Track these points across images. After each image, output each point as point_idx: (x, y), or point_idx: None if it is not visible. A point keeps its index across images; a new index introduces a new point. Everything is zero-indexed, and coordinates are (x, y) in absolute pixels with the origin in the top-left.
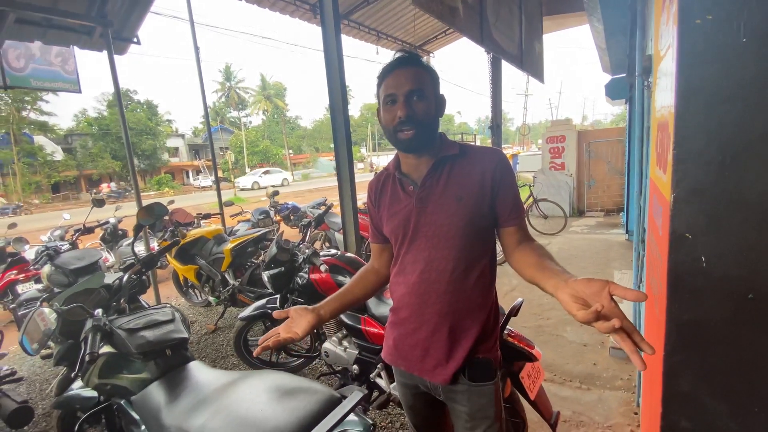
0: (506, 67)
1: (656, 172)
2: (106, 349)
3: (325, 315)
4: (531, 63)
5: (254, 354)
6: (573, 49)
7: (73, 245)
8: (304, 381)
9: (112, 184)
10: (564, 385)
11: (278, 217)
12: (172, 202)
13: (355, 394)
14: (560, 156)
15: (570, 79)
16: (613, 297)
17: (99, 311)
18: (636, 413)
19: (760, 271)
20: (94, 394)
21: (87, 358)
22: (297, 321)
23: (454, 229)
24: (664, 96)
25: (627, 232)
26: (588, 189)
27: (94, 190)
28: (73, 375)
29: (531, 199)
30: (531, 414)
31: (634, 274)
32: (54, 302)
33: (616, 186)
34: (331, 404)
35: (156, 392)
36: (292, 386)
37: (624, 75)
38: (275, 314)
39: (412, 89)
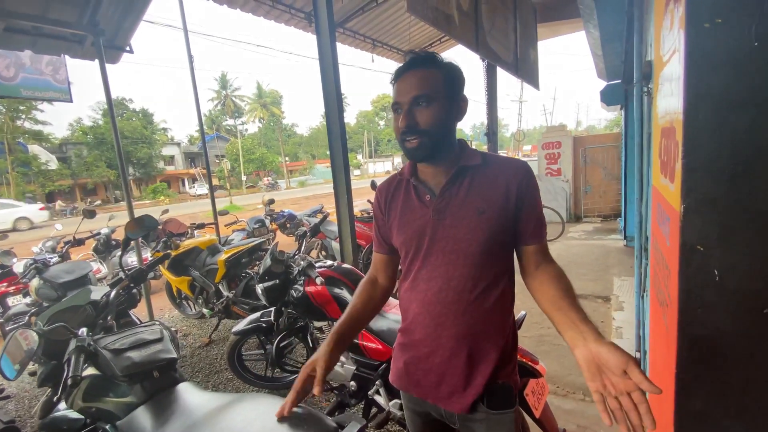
0: (501, 73)
1: (661, 180)
2: (90, 370)
3: (335, 347)
4: (526, 70)
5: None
6: (567, 56)
7: (63, 257)
8: (300, 407)
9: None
10: (567, 398)
11: (274, 226)
12: (166, 211)
13: (352, 425)
14: (556, 162)
15: (564, 85)
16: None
17: (83, 330)
18: None
19: None
20: (81, 416)
21: (69, 381)
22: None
23: (474, 245)
24: (669, 102)
25: (625, 237)
26: (584, 194)
27: (89, 200)
28: (56, 398)
29: None
30: (534, 429)
31: (636, 282)
32: (37, 321)
33: (612, 191)
34: None
35: (142, 417)
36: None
37: (619, 81)
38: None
39: (417, 96)
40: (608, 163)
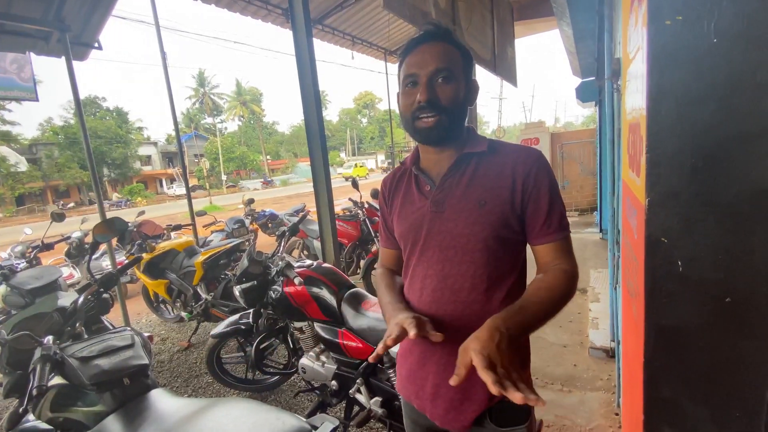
0: (480, 71)
1: (629, 175)
2: (58, 380)
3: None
4: (504, 67)
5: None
6: (545, 53)
7: (32, 263)
8: (273, 410)
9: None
10: (546, 389)
11: (255, 226)
12: (142, 212)
13: (325, 426)
14: None
15: (542, 82)
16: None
17: (49, 338)
18: (617, 414)
19: (736, 274)
20: (50, 427)
21: (35, 392)
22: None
23: (473, 241)
24: (635, 98)
25: (601, 231)
26: (562, 189)
27: (62, 202)
28: (21, 410)
29: None
30: None
31: (610, 274)
32: (1, 330)
33: (588, 186)
34: None
35: (113, 426)
36: (261, 416)
37: (593, 78)
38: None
39: (438, 68)
40: (585, 158)
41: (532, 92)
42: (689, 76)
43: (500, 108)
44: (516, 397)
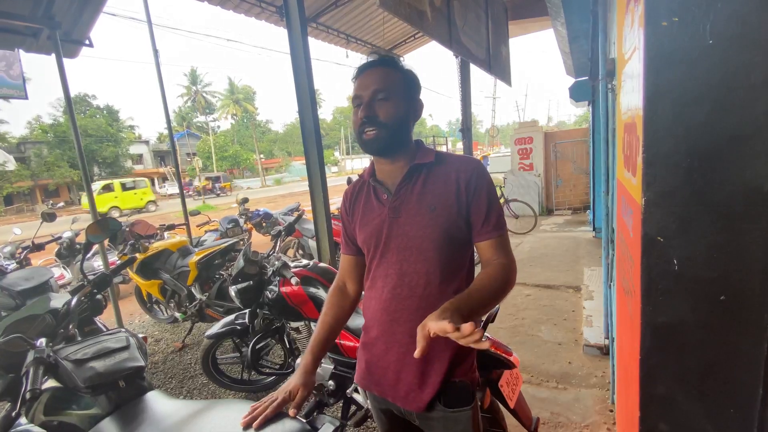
0: (474, 70)
1: (624, 174)
2: (51, 383)
3: (313, 369)
4: (498, 66)
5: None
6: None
7: (22, 264)
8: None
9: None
10: (541, 386)
11: (249, 225)
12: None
13: (326, 427)
14: (528, 157)
15: (535, 82)
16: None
17: (42, 341)
18: (611, 410)
19: (730, 273)
20: (44, 431)
21: (28, 395)
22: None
23: (427, 242)
24: (630, 98)
25: (594, 229)
26: (555, 188)
27: (51, 201)
28: (14, 413)
29: (502, 200)
30: (510, 419)
31: (604, 272)
32: None
33: (581, 185)
34: None
35: (108, 429)
36: None
37: (587, 78)
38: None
39: (376, 89)
40: (578, 157)
41: (526, 91)
42: (685, 76)
43: (494, 107)
44: (465, 328)
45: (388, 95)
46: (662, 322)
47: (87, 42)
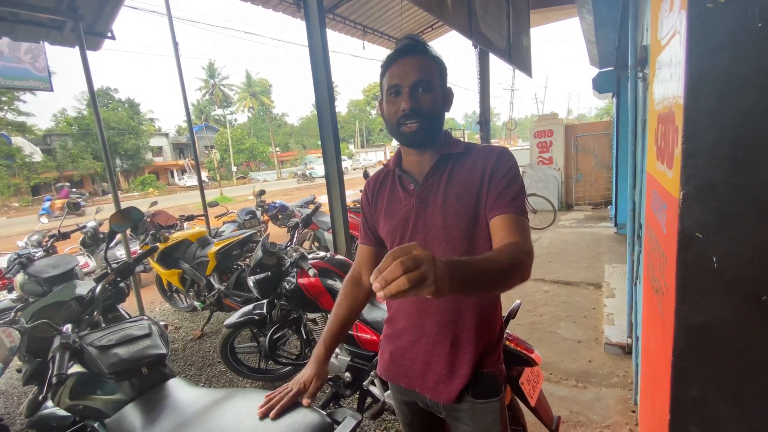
0: (492, 61)
1: (657, 167)
2: (76, 368)
3: (326, 360)
4: (519, 57)
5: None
6: (558, 44)
7: (49, 252)
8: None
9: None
10: (560, 384)
11: (265, 217)
12: (155, 203)
13: (348, 421)
14: (548, 150)
15: (555, 74)
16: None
17: (68, 327)
18: (633, 411)
19: None
20: (69, 414)
21: (54, 380)
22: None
23: (455, 231)
24: (667, 87)
25: (616, 225)
26: (576, 183)
27: (76, 192)
28: (41, 397)
29: None
30: (528, 417)
31: (629, 269)
32: (20, 317)
33: (603, 179)
34: (322, 431)
35: (131, 415)
36: None
37: (611, 68)
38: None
39: (418, 80)
40: (599, 151)
41: (545, 83)
42: (731, 62)
43: (512, 99)
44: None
45: (428, 86)
46: (698, 322)
47: (109, 35)
